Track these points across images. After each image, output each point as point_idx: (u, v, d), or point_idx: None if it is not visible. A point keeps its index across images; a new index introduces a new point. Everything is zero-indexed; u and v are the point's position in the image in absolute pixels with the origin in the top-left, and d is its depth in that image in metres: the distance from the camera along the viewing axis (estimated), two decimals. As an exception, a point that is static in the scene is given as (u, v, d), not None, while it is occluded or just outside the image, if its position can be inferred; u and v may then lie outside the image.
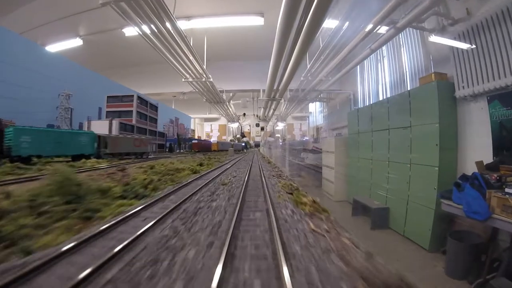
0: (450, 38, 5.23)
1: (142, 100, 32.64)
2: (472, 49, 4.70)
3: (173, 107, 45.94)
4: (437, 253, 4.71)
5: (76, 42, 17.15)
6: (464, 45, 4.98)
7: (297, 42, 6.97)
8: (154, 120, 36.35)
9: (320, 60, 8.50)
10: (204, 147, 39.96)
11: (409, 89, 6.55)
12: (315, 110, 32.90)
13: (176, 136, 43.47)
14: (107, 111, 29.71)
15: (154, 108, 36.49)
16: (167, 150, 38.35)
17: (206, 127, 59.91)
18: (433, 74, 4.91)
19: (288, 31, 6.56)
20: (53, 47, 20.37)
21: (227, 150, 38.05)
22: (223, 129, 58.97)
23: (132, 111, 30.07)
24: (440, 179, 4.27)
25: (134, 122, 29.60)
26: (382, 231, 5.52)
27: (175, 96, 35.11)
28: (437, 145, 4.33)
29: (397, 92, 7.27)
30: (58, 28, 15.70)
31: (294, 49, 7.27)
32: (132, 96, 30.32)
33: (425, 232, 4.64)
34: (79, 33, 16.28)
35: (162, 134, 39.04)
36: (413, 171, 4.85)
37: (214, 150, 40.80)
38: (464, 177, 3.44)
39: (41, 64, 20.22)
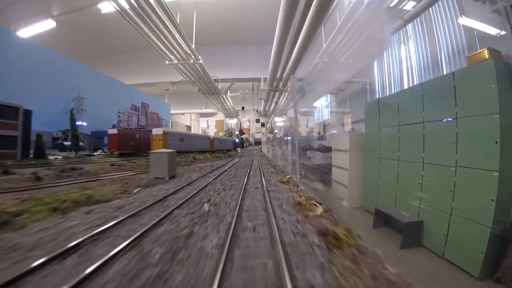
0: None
1: None
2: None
3: (166, 101, 44.78)
4: (488, 280, 3.96)
5: (49, 24, 16.14)
6: (493, 30, 4.20)
7: (306, 15, 6.11)
8: None
9: (337, 40, 7.63)
10: (134, 144, 20.59)
11: (445, 72, 5.71)
12: (321, 105, 32.14)
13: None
14: None
15: None
16: (32, 154, 17.97)
17: (202, 123, 59.20)
18: (487, 50, 4.07)
19: (296, 1, 5.71)
20: (25, 32, 19.39)
21: (195, 152, 19.96)
22: (220, 125, 58.31)
23: None
24: (501, 188, 3.48)
25: None
26: (414, 251, 4.75)
27: (168, 90, 34.16)
28: (496, 142, 3.53)
29: (429, 77, 6.44)
30: (27, 8, 14.68)
31: (302, 25, 6.43)
32: None
33: (475, 255, 3.88)
34: (52, 13, 15.29)
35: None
36: (460, 177, 4.05)
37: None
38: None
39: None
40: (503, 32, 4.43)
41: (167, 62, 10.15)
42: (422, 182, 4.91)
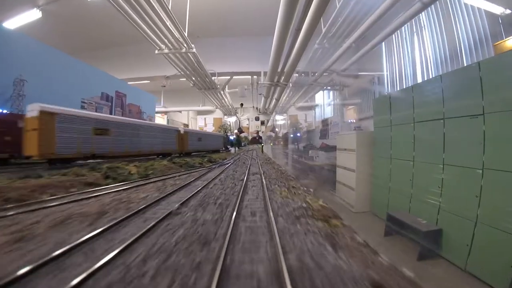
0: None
1: None
2: None
3: (161, 98, 44.08)
4: (518, 298, 3.65)
5: (34, 14, 15.67)
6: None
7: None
8: None
9: (337, 23, 7.24)
10: (14, 141, 10.14)
11: (465, 64, 5.37)
12: (323, 102, 31.76)
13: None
14: None
15: None
16: None
17: (200, 120, 58.87)
18: (518, 37, 3.70)
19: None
20: (11, 23, 18.85)
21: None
22: (218, 123, 58.10)
23: None
24: (538, 193, 3.14)
25: None
26: (433, 262, 4.42)
27: (164, 86, 33.65)
28: (532, 141, 3.18)
29: (446, 71, 6.08)
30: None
31: (307, 11, 6.05)
32: None
33: (503, 269, 3.56)
34: (37, 2, 14.81)
35: None
36: (488, 180, 3.73)
37: (31, 159, 9.78)
38: None
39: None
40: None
41: (157, 51, 9.60)
42: (441, 186, 4.58)
